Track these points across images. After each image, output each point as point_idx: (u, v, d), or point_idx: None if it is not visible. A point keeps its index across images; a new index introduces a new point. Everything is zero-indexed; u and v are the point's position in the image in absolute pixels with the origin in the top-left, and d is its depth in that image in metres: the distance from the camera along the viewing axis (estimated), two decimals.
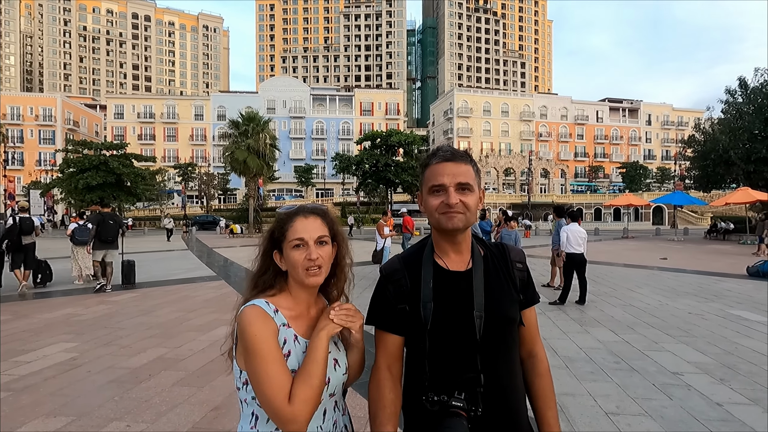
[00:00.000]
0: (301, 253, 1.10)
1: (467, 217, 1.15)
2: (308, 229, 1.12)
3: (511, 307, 1.18)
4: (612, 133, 71.84)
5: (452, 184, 1.14)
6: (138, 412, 3.29)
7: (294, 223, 1.13)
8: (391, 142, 36.21)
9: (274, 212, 51.51)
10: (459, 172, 1.15)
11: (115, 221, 9.10)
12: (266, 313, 1.08)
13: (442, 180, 1.15)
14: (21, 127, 57.99)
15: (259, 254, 1.20)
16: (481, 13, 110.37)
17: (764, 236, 16.12)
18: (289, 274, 1.15)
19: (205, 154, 63.03)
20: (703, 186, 27.91)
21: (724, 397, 3.57)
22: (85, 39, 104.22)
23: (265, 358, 1.02)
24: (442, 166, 1.16)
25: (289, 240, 1.12)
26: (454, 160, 1.16)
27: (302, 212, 1.15)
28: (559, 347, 4.99)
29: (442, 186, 1.15)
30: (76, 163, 31.33)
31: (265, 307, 1.09)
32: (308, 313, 1.16)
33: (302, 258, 1.10)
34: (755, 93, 23.96)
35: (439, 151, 1.20)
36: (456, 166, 1.15)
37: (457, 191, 1.14)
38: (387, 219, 10.63)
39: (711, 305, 7.25)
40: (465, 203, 1.13)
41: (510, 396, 1.15)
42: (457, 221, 1.14)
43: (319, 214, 1.16)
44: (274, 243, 1.16)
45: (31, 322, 6.22)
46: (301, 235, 1.11)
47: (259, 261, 1.20)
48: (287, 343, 1.09)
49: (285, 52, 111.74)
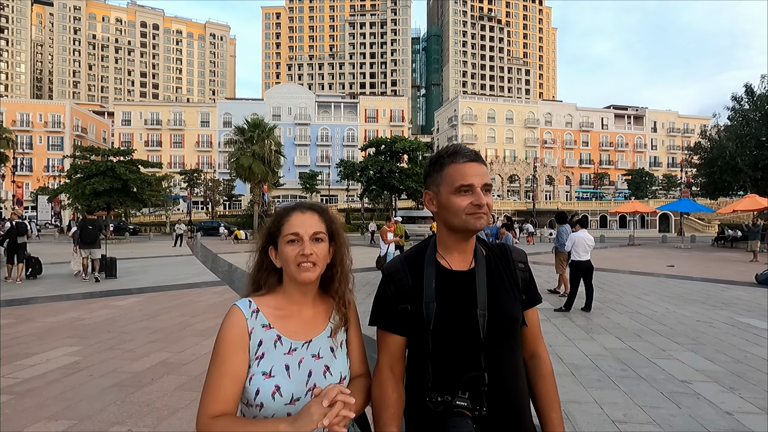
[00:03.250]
0: (295, 248, 1.08)
1: (488, 218, 1.16)
2: (304, 224, 1.10)
3: (513, 306, 1.16)
4: (617, 140, 71.57)
5: (480, 184, 1.13)
6: (140, 417, 3.28)
7: (290, 217, 1.11)
8: (395, 148, 36.27)
9: None
10: (484, 172, 1.15)
11: (95, 226, 11.05)
12: (239, 316, 1.06)
13: (471, 180, 1.12)
14: (30, 133, 58.71)
15: (256, 250, 1.18)
16: (485, 20, 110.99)
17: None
18: (283, 270, 1.13)
19: (210, 160, 63.45)
20: (709, 193, 27.72)
21: (733, 406, 3.50)
22: (95, 47, 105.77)
23: (215, 361, 1.02)
24: (469, 166, 1.13)
25: (284, 234, 1.10)
26: (479, 161, 1.16)
27: (300, 207, 1.14)
28: (565, 354, 4.92)
29: (471, 186, 1.12)
30: (83, 168, 31.62)
31: (244, 308, 1.08)
32: (300, 313, 1.13)
33: (295, 253, 1.07)
34: (762, 100, 23.86)
35: (461, 149, 1.16)
36: (480, 167, 1.15)
37: (484, 193, 1.13)
38: (390, 225, 10.62)
39: (719, 313, 7.15)
40: (489, 205, 1.14)
41: (514, 396, 1.13)
42: (484, 222, 1.14)
43: (316, 211, 1.15)
44: (271, 238, 1.14)
45: (35, 325, 6.24)
46: (296, 229, 1.09)
47: (256, 257, 1.18)
48: (263, 344, 1.06)
49: (291, 60, 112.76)
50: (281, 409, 1.02)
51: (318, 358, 1.10)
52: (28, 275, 11.15)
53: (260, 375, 1.03)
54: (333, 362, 1.12)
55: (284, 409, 1.02)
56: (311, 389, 1.05)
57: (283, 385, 1.03)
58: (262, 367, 1.04)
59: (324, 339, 1.14)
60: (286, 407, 1.02)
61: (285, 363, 1.06)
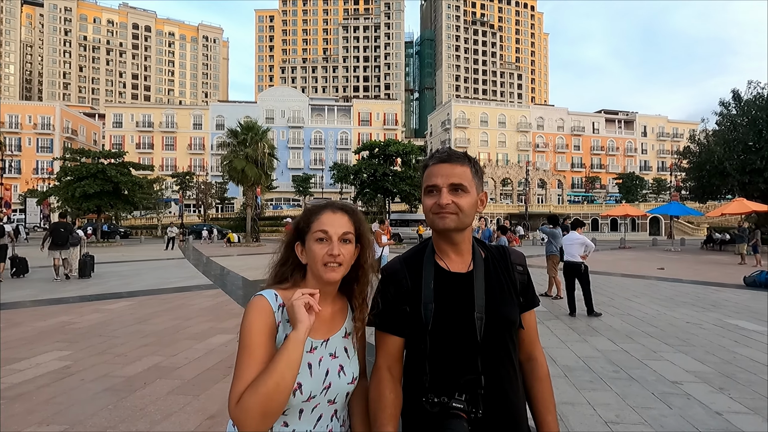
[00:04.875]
0: (323, 247, 1.09)
1: (460, 218, 1.14)
2: (334, 224, 1.10)
3: (511, 309, 1.17)
4: (608, 144, 72.39)
5: (445, 184, 1.14)
6: (132, 421, 3.25)
7: (321, 216, 1.12)
8: (389, 152, 36.35)
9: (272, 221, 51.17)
10: (453, 173, 1.14)
11: (66, 229, 11.53)
12: (268, 307, 1.05)
13: (435, 181, 1.15)
14: (19, 135, 57.96)
15: (282, 244, 1.19)
16: (478, 25, 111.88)
17: (756, 246, 16.25)
18: (308, 267, 1.13)
19: (203, 163, 63.08)
20: (699, 197, 28.09)
21: (723, 407, 3.55)
22: (86, 49, 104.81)
23: (245, 350, 1.00)
24: (437, 167, 1.16)
25: (313, 232, 1.10)
26: (450, 161, 1.16)
27: (331, 207, 1.14)
28: (557, 356, 4.96)
29: (435, 186, 1.15)
30: (73, 171, 31.26)
31: (271, 299, 1.07)
32: (321, 311, 1.11)
33: (323, 252, 1.08)
34: (749, 105, 24.26)
35: (437, 152, 1.20)
36: (451, 167, 1.15)
37: (450, 192, 1.13)
38: (384, 228, 10.65)
39: (709, 315, 7.24)
40: (458, 204, 1.13)
41: (511, 398, 1.14)
42: (449, 222, 1.13)
43: (347, 212, 1.15)
44: (299, 234, 1.15)
45: (24, 330, 6.15)
46: (326, 228, 1.09)
47: (281, 251, 1.19)
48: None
49: (284, 63, 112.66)
50: (297, 404, 1.04)
51: (334, 357, 1.11)
52: (12, 274, 11.72)
53: None
54: (347, 362, 1.13)
55: (299, 405, 1.04)
56: (327, 388, 1.07)
57: (305, 383, 1.04)
58: None
59: (339, 339, 1.15)
60: (302, 404, 1.04)
61: (308, 362, 1.06)
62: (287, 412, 1.04)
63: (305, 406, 1.05)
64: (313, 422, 1.08)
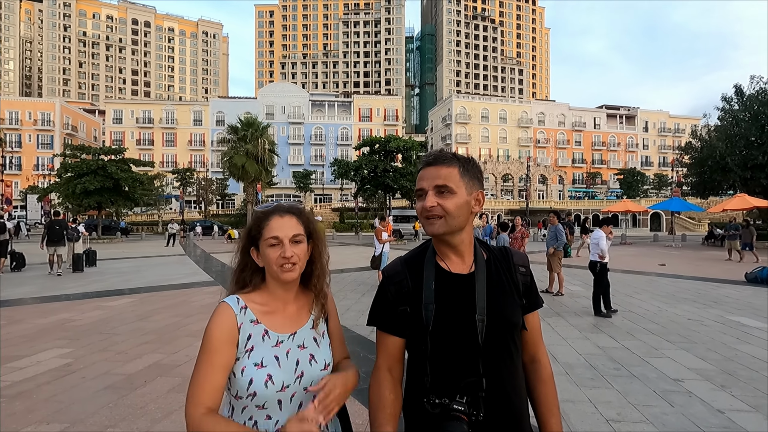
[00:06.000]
0: (276, 250, 1.13)
1: (447, 222, 1.12)
2: (284, 227, 1.15)
3: (513, 311, 1.16)
4: (609, 140, 72.18)
5: (430, 187, 1.13)
6: (133, 419, 3.25)
7: (270, 221, 1.16)
8: (389, 147, 36.22)
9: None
10: (438, 174, 1.13)
11: (60, 226, 12.17)
12: (230, 312, 1.12)
13: (422, 184, 1.16)
14: (19, 131, 57.87)
15: (238, 251, 1.23)
16: (479, 20, 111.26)
17: (751, 243, 16.14)
18: (266, 270, 1.19)
19: (203, 159, 63.01)
20: (700, 192, 28.01)
21: (725, 404, 3.54)
22: (85, 44, 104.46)
23: (204, 355, 1.08)
24: (424, 170, 1.17)
25: (265, 238, 1.15)
26: (436, 164, 1.15)
27: (278, 211, 1.18)
28: (559, 353, 4.96)
29: (422, 190, 1.15)
30: (73, 167, 31.24)
31: (233, 304, 1.14)
32: (284, 308, 1.20)
33: (277, 255, 1.13)
34: (751, 100, 24.13)
35: (425, 155, 1.21)
36: (437, 169, 1.14)
37: (436, 195, 1.12)
38: (385, 224, 10.61)
39: (710, 311, 7.23)
40: (443, 206, 1.11)
41: (512, 402, 1.12)
42: (437, 228, 1.13)
43: (294, 213, 1.19)
44: (252, 240, 1.19)
45: (25, 327, 6.16)
46: (277, 233, 1.14)
47: (238, 257, 1.23)
48: (252, 338, 1.12)
49: (284, 58, 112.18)
50: (273, 396, 1.09)
51: (303, 348, 1.17)
52: (12, 268, 12.68)
53: (252, 366, 1.09)
54: (317, 351, 1.19)
55: (275, 396, 1.10)
56: (300, 376, 1.13)
57: (275, 374, 1.10)
58: (253, 358, 1.10)
59: (307, 330, 1.20)
60: (277, 394, 1.10)
61: (274, 354, 1.13)
62: (266, 405, 1.09)
63: (282, 397, 1.10)
64: (294, 411, 1.12)
